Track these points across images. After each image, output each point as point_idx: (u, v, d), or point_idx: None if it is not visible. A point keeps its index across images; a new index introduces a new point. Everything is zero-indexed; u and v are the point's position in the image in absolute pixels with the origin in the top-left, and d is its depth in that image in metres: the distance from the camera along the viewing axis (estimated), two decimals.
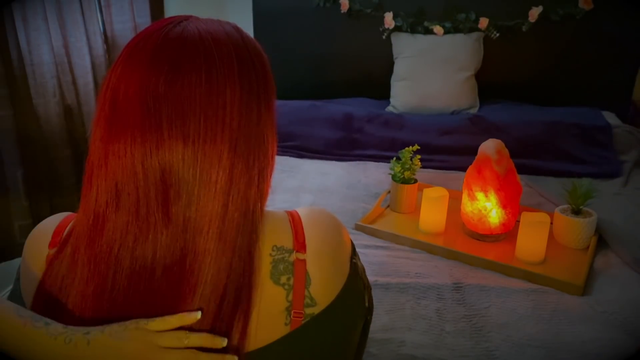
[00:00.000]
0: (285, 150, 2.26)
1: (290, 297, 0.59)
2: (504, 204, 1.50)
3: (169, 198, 0.53)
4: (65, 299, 0.57)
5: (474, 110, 2.52)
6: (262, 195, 0.58)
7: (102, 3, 2.31)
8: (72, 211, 0.66)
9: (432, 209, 1.59)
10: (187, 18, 0.59)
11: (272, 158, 0.60)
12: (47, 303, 0.58)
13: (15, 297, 0.65)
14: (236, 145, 0.54)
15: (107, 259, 0.54)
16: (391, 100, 2.64)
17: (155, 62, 0.53)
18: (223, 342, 0.54)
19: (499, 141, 1.54)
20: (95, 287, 0.55)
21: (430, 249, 1.51)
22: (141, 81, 0.52)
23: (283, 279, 0.59)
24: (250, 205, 0.56)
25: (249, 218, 0.56)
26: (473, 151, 1.59)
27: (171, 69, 0.53)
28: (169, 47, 0.54)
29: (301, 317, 0.59)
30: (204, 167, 0.53)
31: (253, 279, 0.57)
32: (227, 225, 0.54)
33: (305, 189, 1.92)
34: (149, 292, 0.55)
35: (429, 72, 2.55)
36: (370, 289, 0.72)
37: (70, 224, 0.63)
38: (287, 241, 0.61)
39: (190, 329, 0.54)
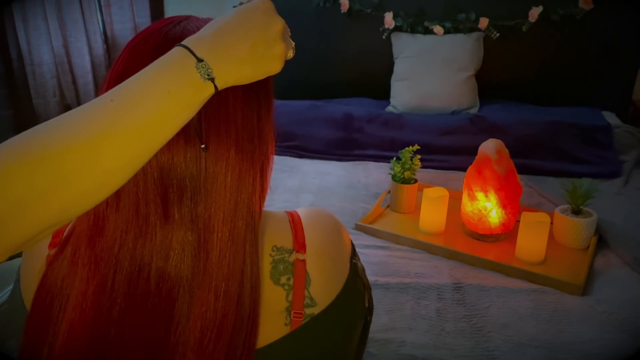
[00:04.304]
0: (285, 150, 2.26)
1: (290, 297, 0.59)
2: (504, 204, 1.50)
3: (168, 198, 0.53)
4: (66, 299, 0.57)
5: (474, 110, 2.52)
6: (262, 194, 0.58)
7: (102, 3, 2.31)
8: None
9: (432, 209, 1.59)
10: (186, 18, 0.59)
11: (271, 156, 0.60)
12: (47, 303, 0.58)
13: (15, 297, 0.65)
14: (242, 144, 0.54)
15: (108, 259, 0.54)
16: (391, 100, 2.64)
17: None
18: None
19: (499, 141, 1.54)
20: (95, 287, 0.55)
21: (430, 249, 1.51)
22: None
23: (283, 279, 0.59)
24: (253, 204, 0.57)
25: (254, 217, 0.56)
26: (473, 151, 1.59)
27: None
28: (169, 47, 0.54)
29: (301, 317, 0.59)
30: (209, 166, 0.53)
31: (261, 278, 0.57)
32: (237, 223, 0.54)
33: (305, 189, 1.92)
34: (148, 293, 0.55)
35: (429, 72, 2.55)
36: (370, 289, 0.72)
37: (70, 224, 0.63)
38: (287, 241, 0.61)
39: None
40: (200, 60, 0.47)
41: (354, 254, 0.69)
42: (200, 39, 0.49)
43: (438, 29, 2.62)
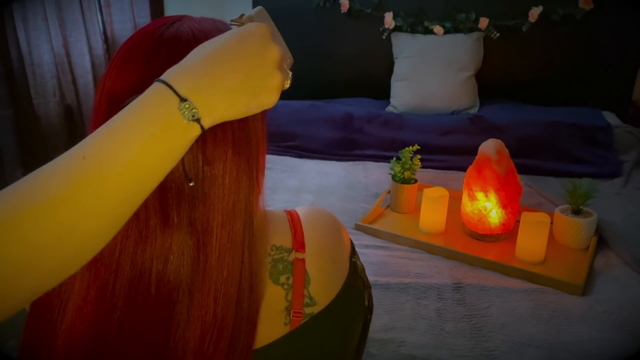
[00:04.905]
0: (285, 150, 2.26)
1: (289, 297, 0.59)
2: (504, 204, 1.50)
3: (167, 202, 0.53)
4: (65, 302, 0.56)
5: (474, 110, 2.52)
6: (259, 193, 0.58)
7: (102, 3, 2.31)
8: None
9: (432, 209, 1.59)
10: (180, 18, 0.59)
11: (264, 156, 0.60)
12: (46, 305, 0.58)
13: None
14: (238, 144, 0.54)
15: (108, 265, 0.54)
16: (391, 100, 2.64)
17: (150, 64, 0.53)
18: None
19: (499, 141, 1.54)
20: (96, 293, 0.54)
21: (430, 249, 1.51)
22: (136, 84, 0.52)
23: (282, 279, 0.59)
24: (251, 205, 0.56)
25: (252, 218, 0.56)
26: (473, 151, 1.59)
27: (166, 70, 0.52)
28: (164, 48, 0.53)
29: (301, 317, 0.59)
30: (207, 168, 0.53)
31: (259, 278, 0.57)
32: (236, 225, 0.54)
33: (305, 189, 1.92)
34: (149, 296, 0.54)
35: (429, 72, 2.55)
36: (370, 288, 0.72)
37: None
38: (286, 240, 0.61)
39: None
40: (183, 99, 0.42)
41: (353, 252, 0.69)
42: (184, 70, 0.44)
43: (438, 29, 2.62)
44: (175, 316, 0.54)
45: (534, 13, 2.52)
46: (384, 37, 2.71)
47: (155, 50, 0.53)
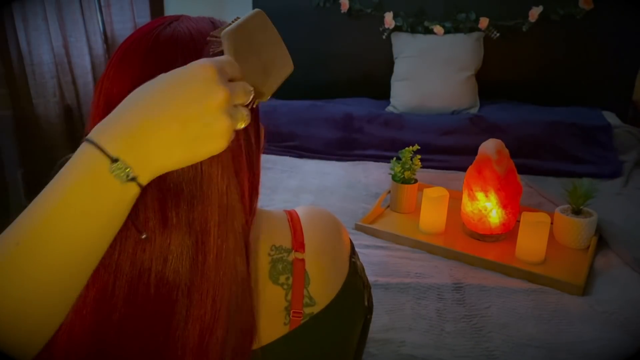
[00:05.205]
0: (285, 150, 2.26)
1: (289, 297, 0.59)
2: (504, 204, 1.50)
3: (165, 202, 0.53)
4: None
5: (474, 110, 2.52)
6: (256, 193, 0.59)
7: (102, 3, 2.31)
8: None
9: (432, 209, 1.59)
10: (177, 18, 0.59)
11: (261, 153, 0.60)
12: None
13: None
14: (235, 143, 0.54)
15: (108, 266, 0.54)
16: (391, 100, 2.64)
17: (147, 65, 0.53)
18: None
19: (499, 141, 1.54)
20: (95, 294, 0.54)
21: (430, 249, 1.51)
22: (134, 85, 0.52)
23: (282, 279, 0.59)
24: (248, 204, 0.57)
25: (249, 217, 0.56)
26: (473, 151, 1.59)
27: (164, 70, 0.52)
28: (161, 49, 0.53)
29: (300, 317, 0.59)
30: (205, 168, 0.53)
31: (258, 278, 0.57)
32: (233, 224, 0.54)
33: (305, 189, 1.92)
34: (148, 297, 0.54)
35: (429, 72, 2.55)
36: (370, 288, 0.72)
37: None
38: (286, 240, 0.61)
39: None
40: (114, 160, 0.40)
41: (353, 252, 0.69)
42: (114, 126, 0.41)
43: (438, 28, 2.62)
44: (174, 316, 0.54)
45: (534, 13, 2.52)
46: (384, 37, 2.71)
47: (153, 51, 0.53)
